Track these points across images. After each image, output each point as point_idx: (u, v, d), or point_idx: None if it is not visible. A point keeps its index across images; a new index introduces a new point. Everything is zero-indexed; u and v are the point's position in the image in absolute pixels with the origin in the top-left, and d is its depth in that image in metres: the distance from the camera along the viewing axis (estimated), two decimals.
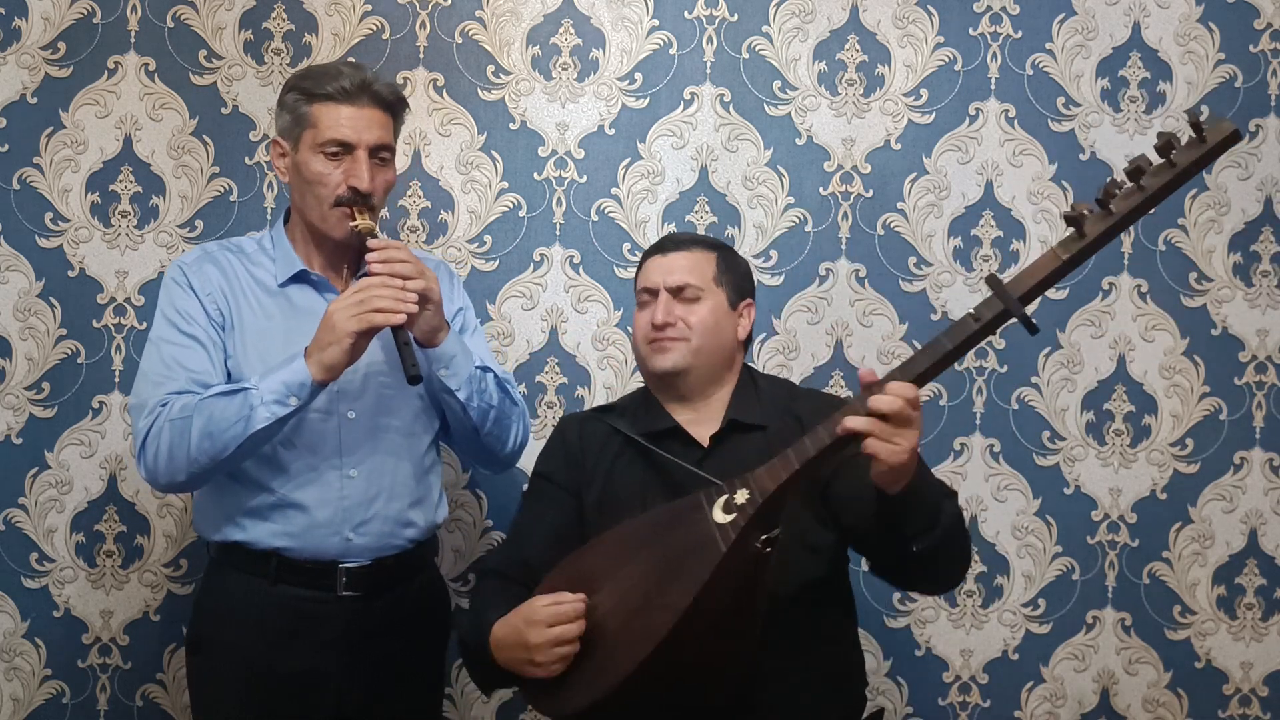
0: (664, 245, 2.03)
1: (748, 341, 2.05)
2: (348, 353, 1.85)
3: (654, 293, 1.97)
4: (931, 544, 1.69)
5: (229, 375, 1.97)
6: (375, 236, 1.95)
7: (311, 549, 1.97)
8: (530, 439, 2.47)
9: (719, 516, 1.71)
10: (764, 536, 1.69)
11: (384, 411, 2.03)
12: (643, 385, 2.08)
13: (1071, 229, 1.63)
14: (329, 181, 1.96)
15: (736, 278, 2.02)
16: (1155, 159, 1.61)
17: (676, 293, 1.96)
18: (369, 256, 1.91)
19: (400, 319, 1.84)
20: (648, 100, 2.56)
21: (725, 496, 1.72)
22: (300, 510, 1.97)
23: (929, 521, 1.70)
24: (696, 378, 1.96)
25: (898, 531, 1.70)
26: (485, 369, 2.04)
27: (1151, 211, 1.65)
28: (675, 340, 1.94)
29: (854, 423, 1.61)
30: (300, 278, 2.04)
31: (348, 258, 2.06)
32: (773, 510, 1.70)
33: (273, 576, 1.97)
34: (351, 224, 1.95)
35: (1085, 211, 1.63)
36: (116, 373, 2.48)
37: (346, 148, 1.96)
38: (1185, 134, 1.61)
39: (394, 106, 2.04)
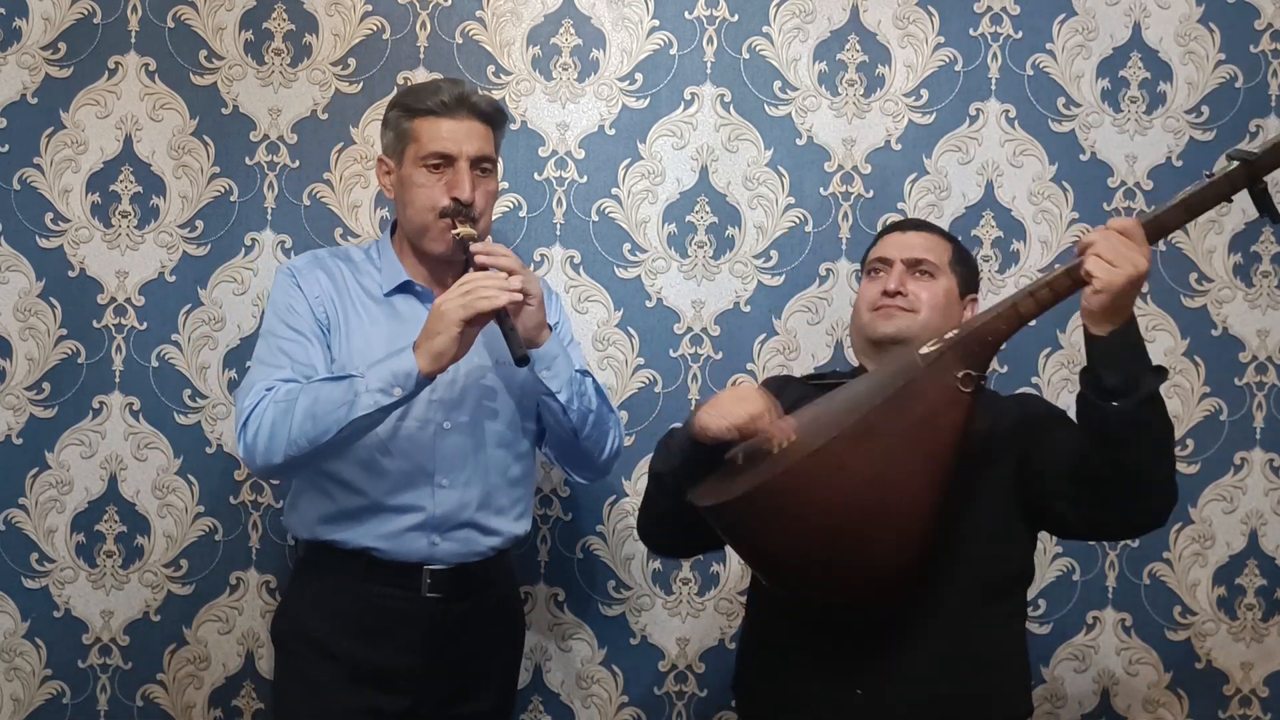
0: (904, 225, 2.08)
1: None
2: (455, 341, 1.86)
3: (888, 263, 1.98)
4: (1129, 410, 1.63)
5: None
6: (473, 239, 1.98)
7: (399, 551, 2.02)
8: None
9: (924, 349, 1.77)
10: (965, 372, 1.71)
11: (480, 423, 2.06)
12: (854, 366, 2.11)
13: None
14: (432, 193, 2.00)
15: (968, 271, 2.04)
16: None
17: (912, 266, 1.97)
18: (474, 250, 1.94)
19: (503, 302, 1.85)
20: (648, 100, 2.56)
21: (934, 339, 1.80)
22: (392, 515, 2.02)
23: (1129, 380, 1.64)
24: None
25: (1097, 384, 1.65)
26: (584, 373, 2.09)
27: None
28: (903, 310, 1.94)
29: (1089, 238, 1.64)
30: (405, 288, 2.09)
31: (452, 272, 2.07)
32: (979, 343, 1.73)
33: (361, 574, 2.03)
34: (453, 232, 1.98)
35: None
36: (116, 373, 2.48)
37: (448, 160, 2.01)
38: None
39: (493, 118, 2.07)
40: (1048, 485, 1.81)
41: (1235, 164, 1.67)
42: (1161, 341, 2.57)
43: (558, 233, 2.55)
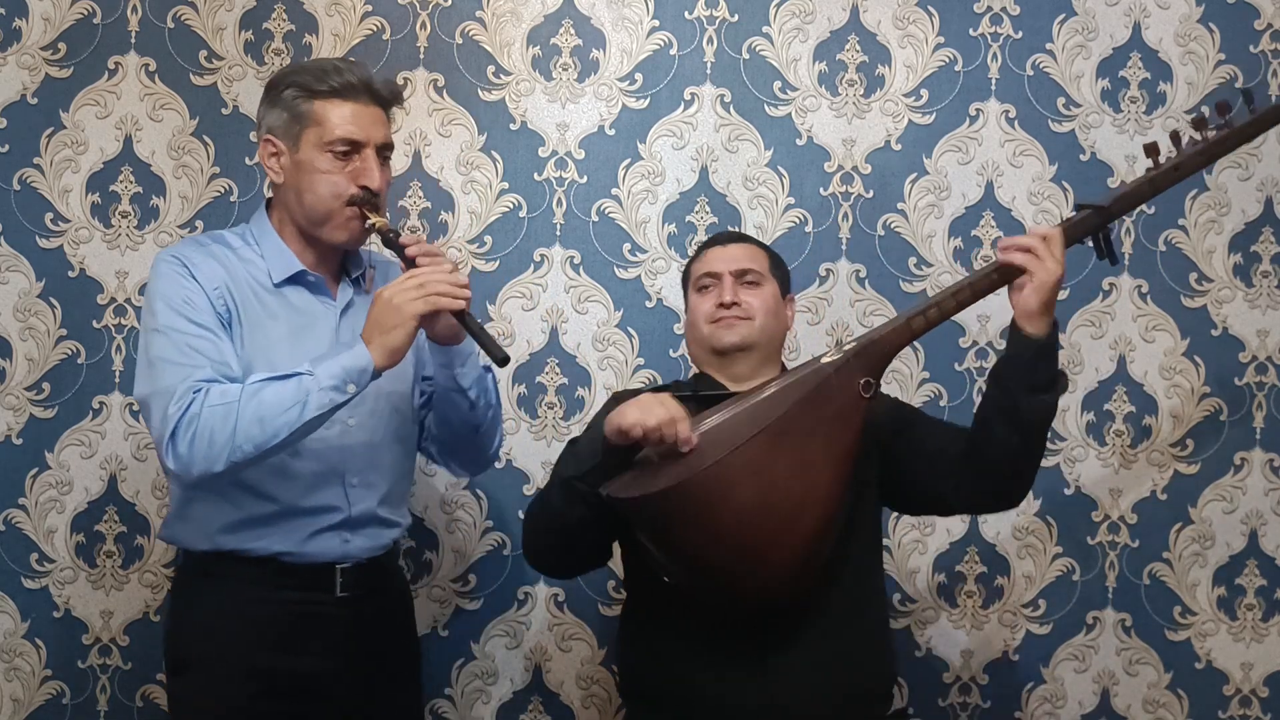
0: (720, 238, 2.20)
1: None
2: (410, 336, 1.82)
3: (717, 276, 2.09)
4: (1053, 402, 1.84)
5: None
6: (395, 232, 1.92)
7: (312, 553, 1.96)
8: (530, 441, 2.49)
9: (826, 358, 1.90)
10: (865, 379, 1.83)
11: (380, 418, 2.02)
12: (694, 373, 2.16)
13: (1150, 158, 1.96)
14: (338, 182, 1.92)
15: (784, 274, 2.18)
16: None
17: (740, 276, 2.08)
18: (405, 243, 1.89)
19: (461, 304, 1.82)
20: (648, 101, 2.56)
21: (834, 348, 1.93)
22: (307, 518, 1.95)
23: (1051, 378, 1.84)
24: (756, 358, 2.07)
25: (1030, 380, 1.82)
26: (486, 369, 2.05)
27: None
28: (741, 319, 2.05)
29: (1019, 240, 1.83)
30: (298, 278, 1.99)
31: (337, 259, 2.03)
32: (879, 354, 1.87)
33: (269, 582, 1.94)
34: (367, 223, 1.92)
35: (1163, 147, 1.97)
36: (116, 373, 2.48)
37: (355, 146, 1.93)
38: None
39: (391, 104, 2.01)
40: (930, 472, 1.98)
41: (1088, 212, 1.91)
42: (1161, 341, 2.57)
43: (558, 233, 2.54)
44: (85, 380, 2.48)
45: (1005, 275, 1.87)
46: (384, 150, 1.98)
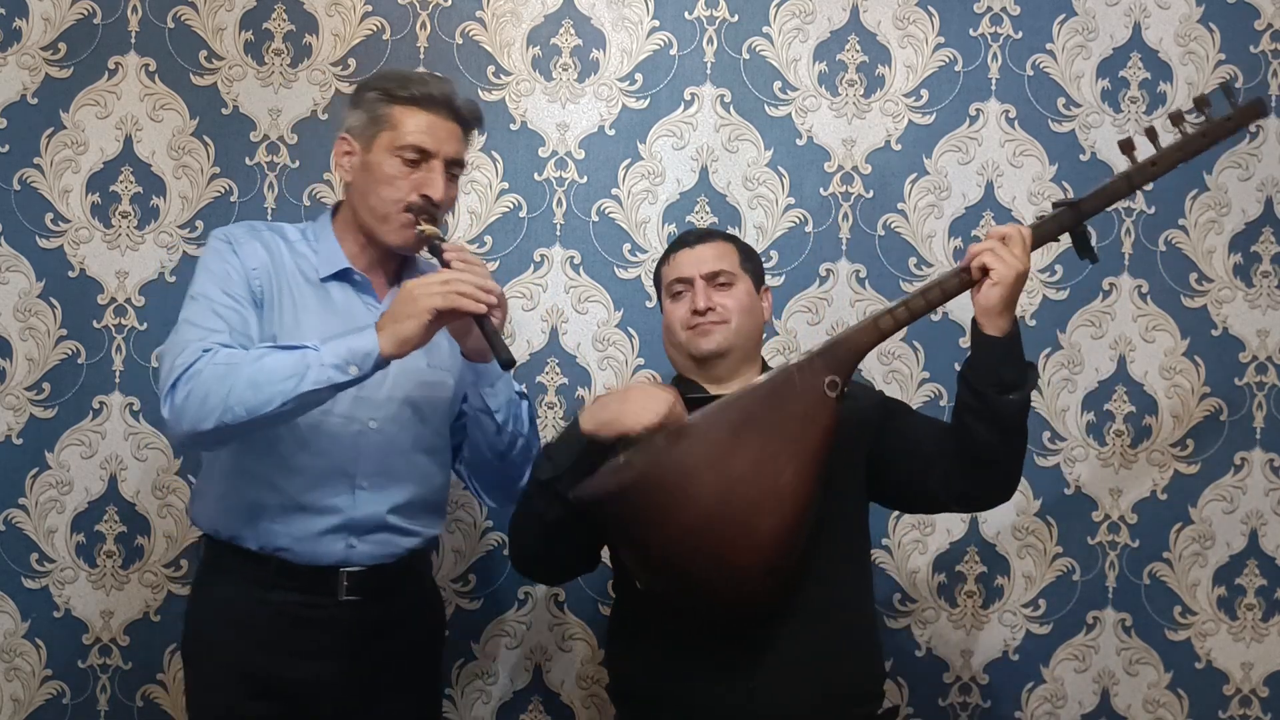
0: (688, 239, 2.14)
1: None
2: (423, 329, 1.80)
3: (688, 282, 2.07)
4: (1023, 401, 1.83)
5: None
6: (441, 240, 1.93)
7: (312, 554, 1.95)
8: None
9: (793, 359, 1.90)
10: (831, 377, 1.83)
11: (404, 425, 2.01)
12: (674, 377, 2.14)
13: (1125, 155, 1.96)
14: (401, 186, 1.94)
15: (755, 265, 2.15)
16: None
17: (711, 279, 2.06)
18: (445, 249, 1.90)
19: (482, 309, 1.81)
20: (648, 101, 2.56)
21: (803, 352, 1.92)
22: (308, 515, 1.94)
23: (1020, 375, 1.84)
24: (735, 359, 2.06)
25: (996, 380, 1.81)
26: (522, 395, 2.05)
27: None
28: (717, 323, 2.04)
29: (980, 246, 1.83)
30: (343, 275, 2.01)
31: (393, 265, 2.05)
32: (845, 352, 1.86)
33: (269, 582, 1.95)
34: (419, 229, 1.93)
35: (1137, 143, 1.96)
36: (116, 373, 2.48)
37: (425, 155, 1.95)
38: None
39: (471, 126, 2.03)
40: (920, 468, 1.96)
41: (1062, 209, 1.92)
42: (1161, 341, 2.57)
43: (558, 233, 2.55)
44: (85, 380, 2.48)
45: (971, 275, 1.86)
46: (454, 166, 1.99)
